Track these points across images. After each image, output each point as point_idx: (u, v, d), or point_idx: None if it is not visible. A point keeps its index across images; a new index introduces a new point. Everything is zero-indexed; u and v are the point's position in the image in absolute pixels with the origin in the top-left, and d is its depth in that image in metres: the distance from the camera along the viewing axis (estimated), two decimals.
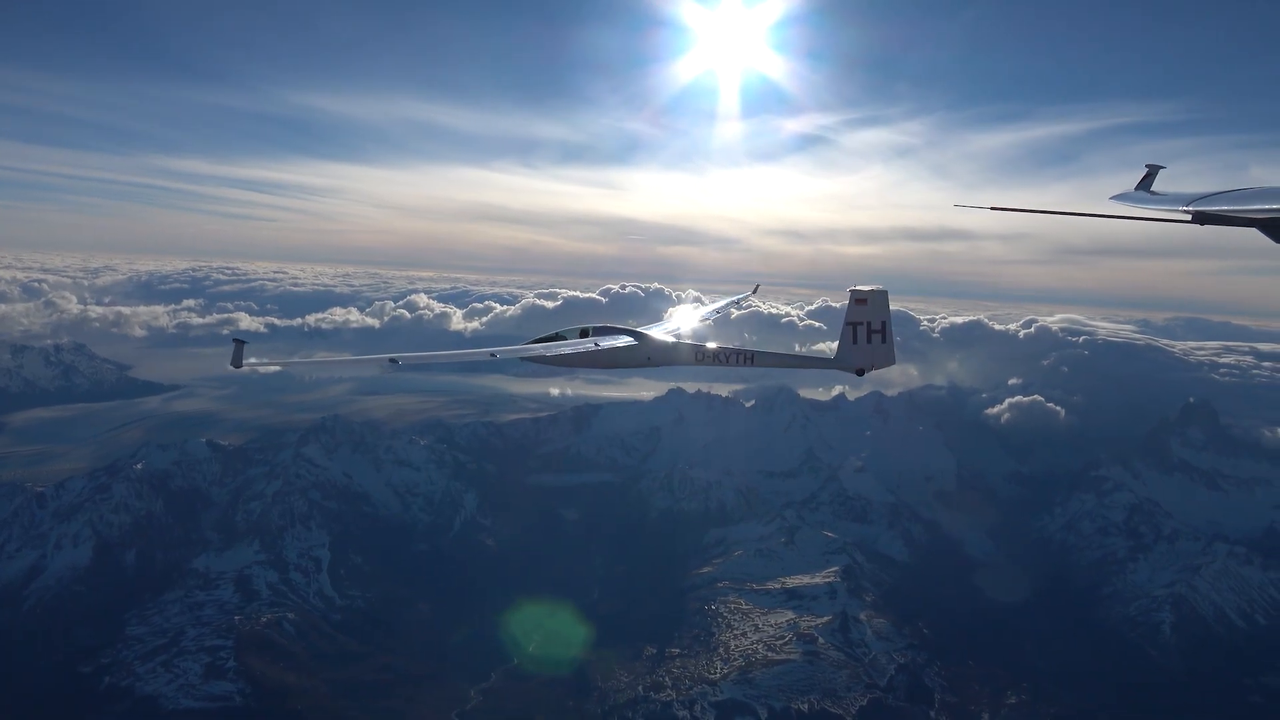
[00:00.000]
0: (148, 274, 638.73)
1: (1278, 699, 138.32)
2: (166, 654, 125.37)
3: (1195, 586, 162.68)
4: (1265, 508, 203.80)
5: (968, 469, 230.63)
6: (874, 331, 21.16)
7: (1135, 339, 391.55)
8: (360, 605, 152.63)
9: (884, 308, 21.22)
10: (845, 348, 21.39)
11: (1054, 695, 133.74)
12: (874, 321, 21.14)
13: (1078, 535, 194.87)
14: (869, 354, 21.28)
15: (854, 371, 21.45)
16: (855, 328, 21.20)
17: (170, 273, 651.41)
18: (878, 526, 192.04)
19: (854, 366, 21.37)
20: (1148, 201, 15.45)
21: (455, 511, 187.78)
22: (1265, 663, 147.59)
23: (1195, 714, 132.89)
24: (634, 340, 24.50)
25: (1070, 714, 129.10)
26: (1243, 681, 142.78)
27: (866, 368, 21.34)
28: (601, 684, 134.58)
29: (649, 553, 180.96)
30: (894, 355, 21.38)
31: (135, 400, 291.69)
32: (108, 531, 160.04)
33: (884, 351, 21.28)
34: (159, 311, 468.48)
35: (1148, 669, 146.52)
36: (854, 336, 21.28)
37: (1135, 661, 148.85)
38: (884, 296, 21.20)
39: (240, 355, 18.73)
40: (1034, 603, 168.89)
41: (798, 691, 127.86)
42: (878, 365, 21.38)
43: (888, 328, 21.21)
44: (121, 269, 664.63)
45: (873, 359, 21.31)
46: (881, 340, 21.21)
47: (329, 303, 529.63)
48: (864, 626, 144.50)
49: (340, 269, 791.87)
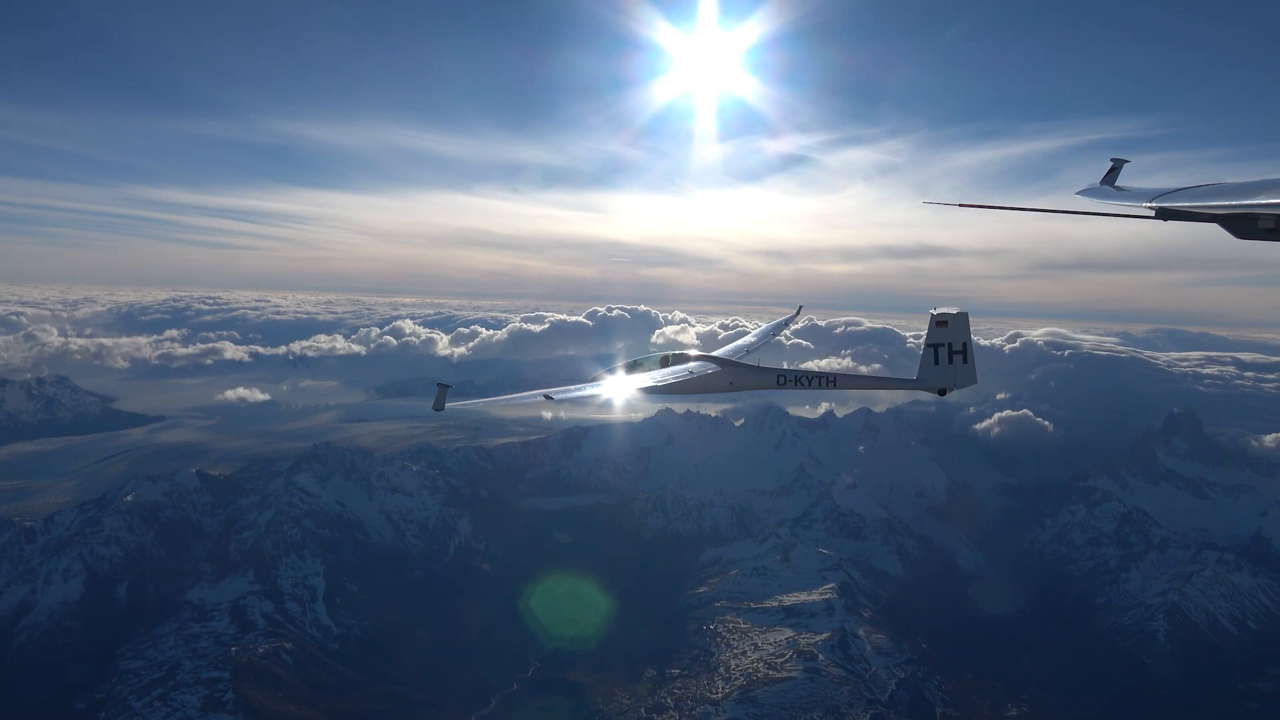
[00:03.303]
0: (128, 305, 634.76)
1: (1272, 703, 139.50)
2: (163, 688, 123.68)
3: (1187, 594, 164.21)
4: (1252, 514, 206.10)
5: (958, 483, 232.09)
6: (955, 352, 21.90)
7: (1119, 351, 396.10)
8: (357, 634, 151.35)
9: (965, 329, 21.93)
10: (927, 368, 22.13)
11: (1052, 706, 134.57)
12: (955, 343, 21.88)
13: (1069, 546, 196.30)
14: (951, 374, 22.03)
15: (937, 392, 22.19)
16: (936, 349, 21.95)
17: (151, 303, 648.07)
18: (871, 542, 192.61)
19: (937, 387, 22.11)
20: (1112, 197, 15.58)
21: (449, 537, 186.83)
22: (1258, 668, 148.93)
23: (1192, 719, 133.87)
24: (718, 367, 24.74)
25: None
26: (1237, 686, 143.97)
27: (949, 387, 22.07)
28: (603, 707, 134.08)
29: (644, 574, 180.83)
30: (975, 375, 22.07)
31: (120, 432, 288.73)
32: (98, 565, 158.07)
33: (966, 371, 22.02)
34: (141, 343, 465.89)
35: (1144, 677, 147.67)
36: (935, 358, 22.02)
37: (1131, 670, 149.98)
38: (965, 319, 21.93)
39: (443, 399, 19.16)
40: (1029, 614, 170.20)
41: (801, 709, 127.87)
42: (960, 385, 22.11)
43: (969, 348, 21.94)
44: (101, 300, 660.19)
45: (955, 379, 22.05)
46: (963, 361, 21.96)
47: (312, 330, 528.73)
48: (863, 642, 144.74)
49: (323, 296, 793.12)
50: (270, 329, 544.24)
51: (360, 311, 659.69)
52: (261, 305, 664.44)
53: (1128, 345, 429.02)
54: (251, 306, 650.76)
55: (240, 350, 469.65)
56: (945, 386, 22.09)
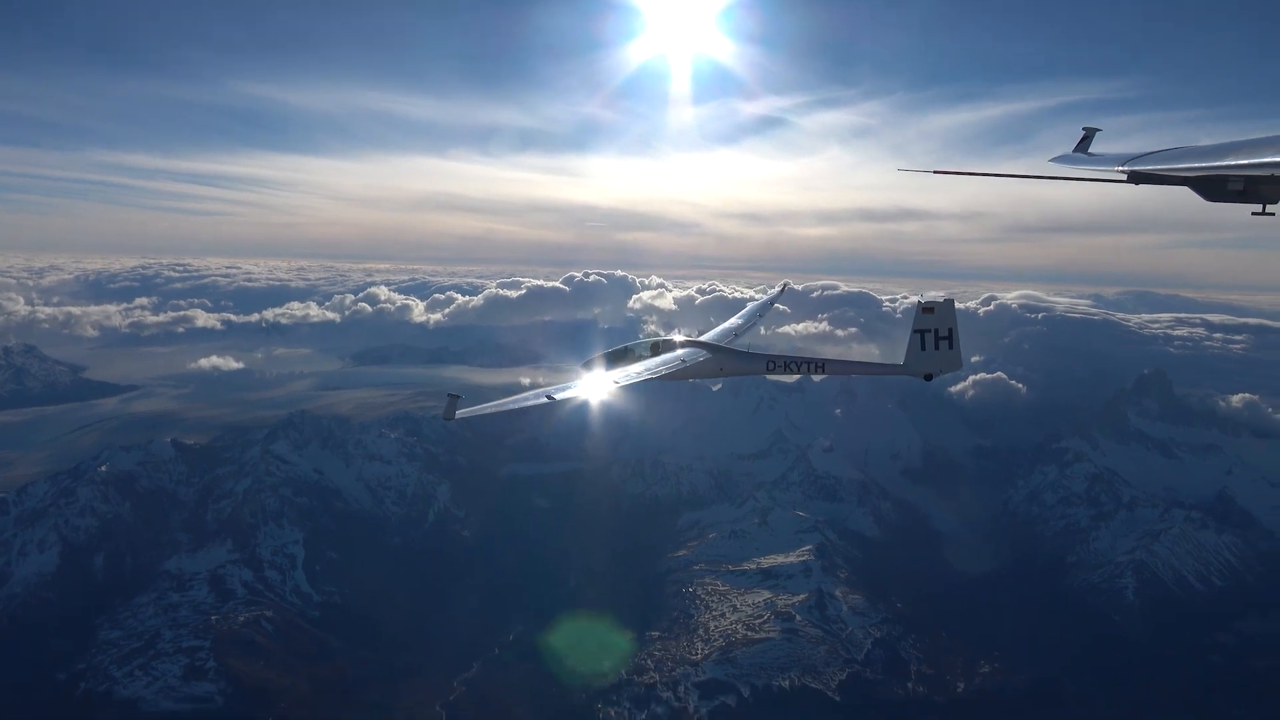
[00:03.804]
0: (96, 273, 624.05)
1: (1234, 656, 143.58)
2: (143, 657, 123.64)
3: (1155, 552, 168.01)
4: (1218, 473, 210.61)
5: (933, 445, 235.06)
6: (941, 338, 22.00)
7: (1092, 314, 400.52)
8: (338, 601, 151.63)
9: (951, 316, 22.06)
10: (913, 354, 22.17)
11: (1024, 661, 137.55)
12: (941, 329, 21.99)
13: (1041, 506, 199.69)
14: (936, 360, 22.13)
15: (923, 377, 22.28)
16: (923, 335, 22.04)
17: (119, 271, 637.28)
18: (848, 504, 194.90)
19: (922, 372, 22.21)
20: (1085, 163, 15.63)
21: (429, 504, 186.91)
22: (1221, 622, 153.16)
23: (1158, 674, 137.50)
24: (709, 354, 24.71)
25: (1040, 680, 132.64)
26: (1201, 641, 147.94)
27: (935, 373, 22.19)
28: (584, 669, 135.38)
29: (624, 539, 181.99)
30: (960, 360, 22.20)
31: (91, 402, 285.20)
32: (74, 536, 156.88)
33: (951, 357, 22.12)
34: (111, 311, 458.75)
35: (1112, 632, 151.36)
36: (921, 344, 22.09)
37: (1100, 625, 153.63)
38: (950, 306, 22.11)
39: (453, 409, 19.28)
40: (1001, 573, 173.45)
41: (778, 669, 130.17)
42: (945, 370, 22.24)
43: (955, 334, 22.04)
44: (68, 268, 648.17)
45: (940, 364, 22.16)
46: (949, 346, 22.05)
47: (285, 297, 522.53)
48: (839, 603, 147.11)
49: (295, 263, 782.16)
50: (242, 296, 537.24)
51: (333, 278, 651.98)
52: (233, 272, 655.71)
53: (1100, 308, 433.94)
54: (222, 273, 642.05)
55: (212, 318, 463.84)
56: (931, 372, 22.19)
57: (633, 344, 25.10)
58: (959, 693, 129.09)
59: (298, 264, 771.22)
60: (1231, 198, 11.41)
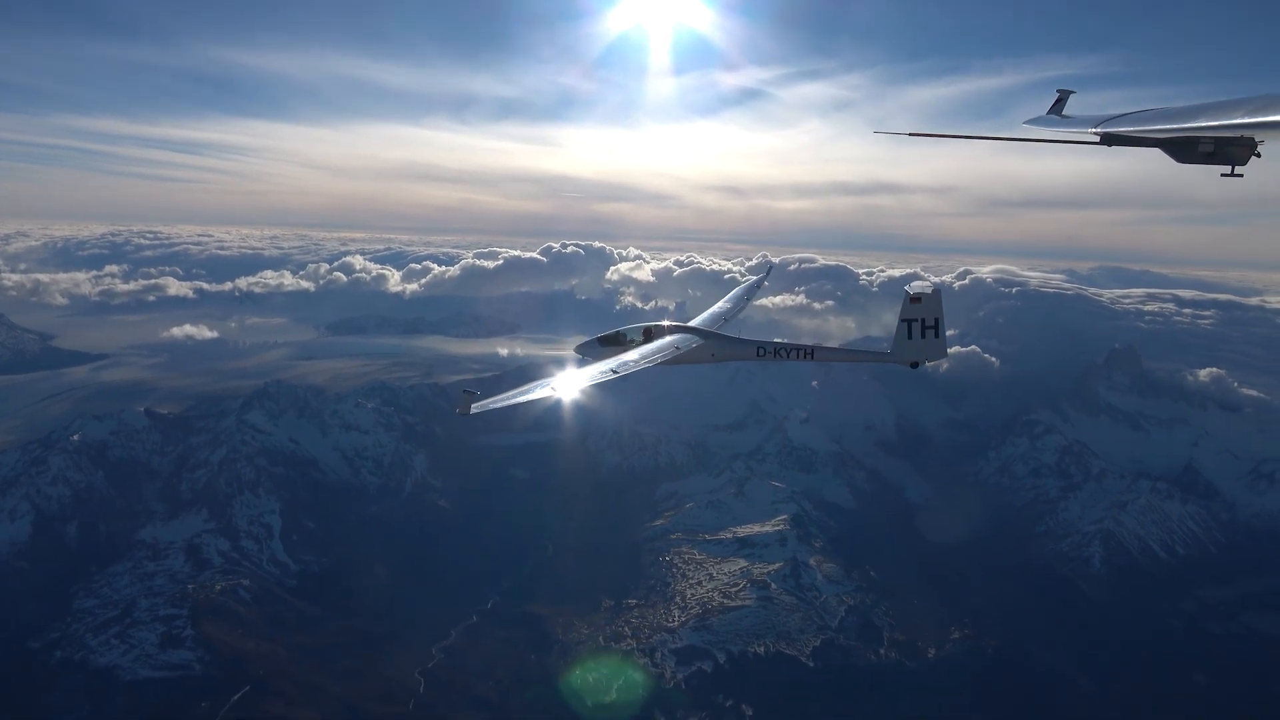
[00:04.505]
0: (64, 240, 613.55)
1: (1194, 621, 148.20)
2: (119, 625, 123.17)
3: (1122, 522, 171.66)
4: (1184, 446, 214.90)
5: (906, 418, 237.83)
6: (927, 327, 22.48)
7: (1065, 289, 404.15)
8: (315, 570, 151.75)
9: (937, 305, 22.52)
10: (900, 343, 22.68)
11: (993, 628, 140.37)
12: (928, 318, 22.45)
13: (1011, 477, 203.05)
14: (923, 348, 22.63)
15: (909, 365, 22.81)
16: (910, 324, 22.51)
17: (88, 238, 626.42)
18: (823, 475, 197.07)
19: (908, 360, 22.71)
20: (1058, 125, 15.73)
21: (406, 473, 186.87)
22: (1183, 590, 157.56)
23: (1122, 639, 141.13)
24: (702, 340, 25.11)
25: (1009, 646, 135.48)
26: (1163, 607, 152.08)
27: (921, 361, 22.70)
28: (562, 637, 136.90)
29: (601, 509, 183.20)
30: (945, 349, 22.73)
31: (61, 370, 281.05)
32: (46, 505, 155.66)
33: (937, 345, 22.63)
34: (80, 279, 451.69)
35: (1079, 600, 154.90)
36: (909, 332, 22.56)
37: (1067, 594, 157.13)
38: (938, 297, 22.58)
39: (469, 404, 19.41)
40: (972, 542, 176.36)
41: (754, 635, 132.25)
42: (931, 359, 22.76)
43: (941, 324, 22.53)
44: (35, 235, 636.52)
45: (926, 353, 22.66)
46: (935, 335, 22.54)
47: (258, 266, 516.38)
48: (814, 571, 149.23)
49: (268, 231, 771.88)
50: (214, 265, 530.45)
51: (307, 247, 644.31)
52: (204, 240, 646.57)
53: (1073, 282, 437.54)
54: (194, 241, 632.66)
55: (184, 286, 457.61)
56: (917, 360, 22.69)
57: (625, 329, 25.32)
58: (930, 658, 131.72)
59: (270, 232, 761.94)
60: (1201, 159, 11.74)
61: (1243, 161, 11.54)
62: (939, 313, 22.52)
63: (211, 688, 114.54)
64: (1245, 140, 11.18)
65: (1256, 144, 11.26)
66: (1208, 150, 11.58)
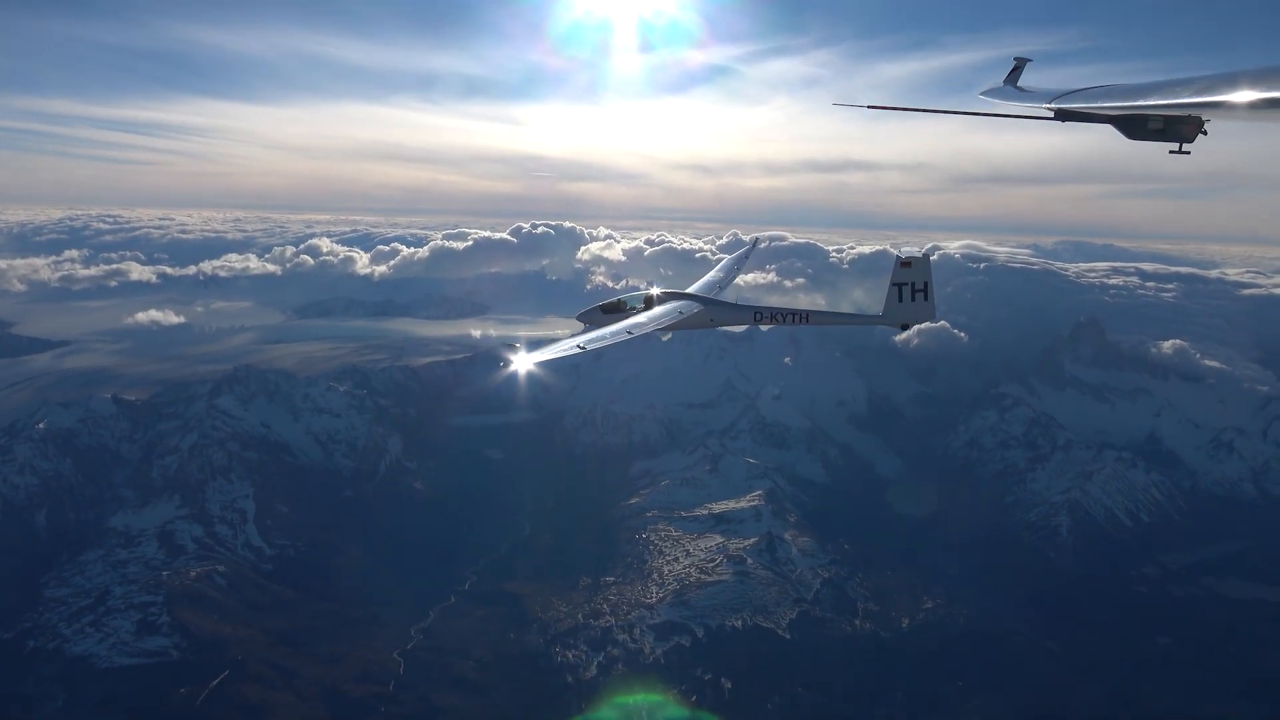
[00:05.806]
0: (19, 225, 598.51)
1: (1157, 586, 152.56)
2: (94, 613, 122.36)
3: (1088, 491, 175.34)
4: (1147, 416, 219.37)
5: (877, 393, 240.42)
6: (917, 291, 23.64)
7: (1031, 264, 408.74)
8: (290, 554, 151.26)
9: (926, 270, 23.74)
10: (891, 306, 23.88)
11: (965, 597, 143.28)
12: (917, 282, 23.62)
13: (980, 450, 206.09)
14: (912, 311, 23.83)
15: (899, 327, 24.04)
16: (900, 288, 23.68)
17: (45, 223, 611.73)
18: (796, 451, 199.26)
19: (899, 322, 23.93)
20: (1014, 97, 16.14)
21: (380, 456, 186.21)
22: (1147, 556, 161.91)
23: (1089, 605, 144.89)
24: (702, 305, 26.05)
25: (980, 614, 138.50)
26: (1128, 573, 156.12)
27: (911, 323, 23.92)
28: (541, 615, 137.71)
29: (577, 487, 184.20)
30: (934, 311, 23.87)
31: (22, 358, 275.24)
32: (13, 494, 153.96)
33: (925, 309, 23.83)
34: (38, 264, 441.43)
35: (1047, 568, 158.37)
36: (899, 296, 23.72)
37: (1036, 562, 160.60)
38: (926, 261, 23.78)
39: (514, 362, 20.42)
40: (943, 514, 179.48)
41: (731, 610, 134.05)
42: (920, 321, 24.05)
43: (930, 288, 23.67)
44: None
45: (916, 315, 23.87)
46: (924, 299, 23.71)
47: (222, 249, 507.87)
48: (789, 545, 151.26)
49: (230, 214, 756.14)
50: (177, 248, 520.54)
51: (272, 229, 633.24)
52: (166, 224, 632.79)
53: (1039, 257, 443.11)
54: (155, 225, 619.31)
55: (147, 271, 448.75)
56: (907, 322, 23.85)
57: (625, 297, 26.27)
58: (904, 628, 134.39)
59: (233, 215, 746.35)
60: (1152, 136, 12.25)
61: (1190, 139, 12.07)
62: (928, 276, 23.63)
63: (189, 673, 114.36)
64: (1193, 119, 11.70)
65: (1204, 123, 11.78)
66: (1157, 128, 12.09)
